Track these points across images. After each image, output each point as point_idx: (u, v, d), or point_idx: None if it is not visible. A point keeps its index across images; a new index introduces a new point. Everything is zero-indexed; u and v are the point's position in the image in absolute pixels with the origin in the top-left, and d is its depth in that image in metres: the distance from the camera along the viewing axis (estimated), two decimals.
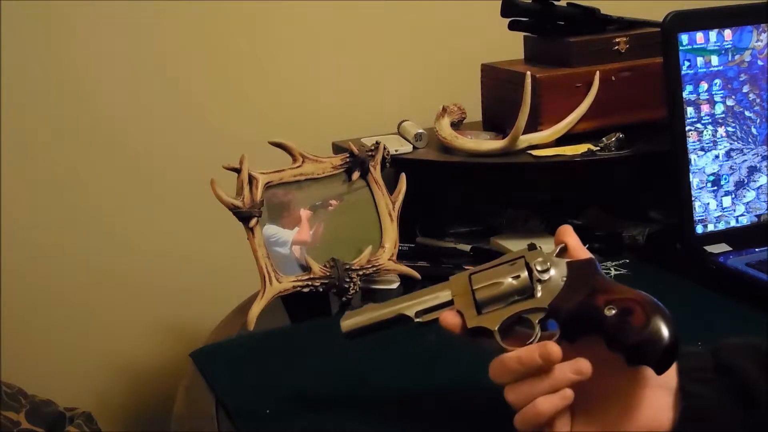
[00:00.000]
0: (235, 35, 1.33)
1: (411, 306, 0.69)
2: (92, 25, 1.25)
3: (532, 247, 0.68)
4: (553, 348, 0.61)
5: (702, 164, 1.01)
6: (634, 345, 0.59)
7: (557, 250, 0.67)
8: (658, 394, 0.62)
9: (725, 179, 1.03)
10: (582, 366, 0.61)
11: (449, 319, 0.67)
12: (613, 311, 0.61)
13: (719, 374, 0.62)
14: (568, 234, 0.68)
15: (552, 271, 0.65)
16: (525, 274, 0.66)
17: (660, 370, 0.60)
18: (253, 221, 0.97)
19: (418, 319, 0.69)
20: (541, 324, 0.65)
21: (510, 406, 0.63)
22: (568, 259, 0.66)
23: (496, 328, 0.65)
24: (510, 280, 0.66)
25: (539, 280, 0.65)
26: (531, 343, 0.63)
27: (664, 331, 0.59)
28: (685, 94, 1.00)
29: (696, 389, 0.62)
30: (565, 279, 0.65)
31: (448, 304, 0.68)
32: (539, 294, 0.65)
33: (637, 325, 0.60)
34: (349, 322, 0.71)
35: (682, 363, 0.62)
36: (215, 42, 1.32)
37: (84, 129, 1.28)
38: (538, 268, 0.65)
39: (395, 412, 0.76)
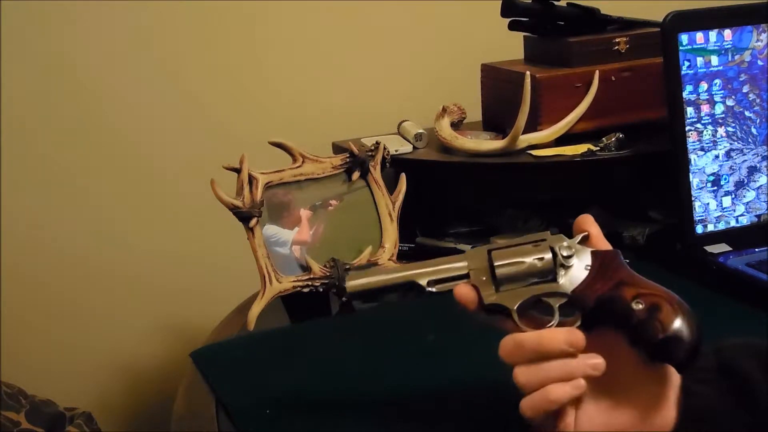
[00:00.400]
0: (235, 35, 1.33)
1: (424, 274, 0.66)
2: (92, 25, 1.25)
3: (554, 232, 0.66)
4: (579, 335, 0.60)
5: (702, 164, 1.01)
6: (661, 342, 0.58)
7: (579, 238, 0.65)
8: (670, 393, 0.62)
9: (725, 179, 1.03)
10: (599, 363, 0.60)
11: (464, 292, 0.64)
12: (641, 306, 0.60)
13: (720, 374, 0.62)
14: (590, 223, 0.66)
15: (576, 258, 0.63)
16: (549, 256, 0.63)
17: (682, 369, 0.59)
18: (253, 221, 0.97)
19: (430, 289, 0.65)
20: (561, 310, 0.63)
21: (517, 391, 0.61)
22: (592, 249, 0.65)
23: (515, 308, 0.63)
24: (533, 260, 0.64)
25: (563, 265, 0.63)
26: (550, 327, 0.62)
27: (691, 330, 0.59)
28: (685, 94, 1.00)
29: (698, 389, 0.61)
30: (589, 267, 0.63)
31: (463, 277, 0.65)
32: (561, 279, 0.63)
33: (666, 322, 0.59)
34: (356, 282, 0.66)
35: None
36: (215, 42, 1.32)
37: (84, 129, 1.29)
38: (563, 254, 0.63)
39: (395, 412, 0.75)
